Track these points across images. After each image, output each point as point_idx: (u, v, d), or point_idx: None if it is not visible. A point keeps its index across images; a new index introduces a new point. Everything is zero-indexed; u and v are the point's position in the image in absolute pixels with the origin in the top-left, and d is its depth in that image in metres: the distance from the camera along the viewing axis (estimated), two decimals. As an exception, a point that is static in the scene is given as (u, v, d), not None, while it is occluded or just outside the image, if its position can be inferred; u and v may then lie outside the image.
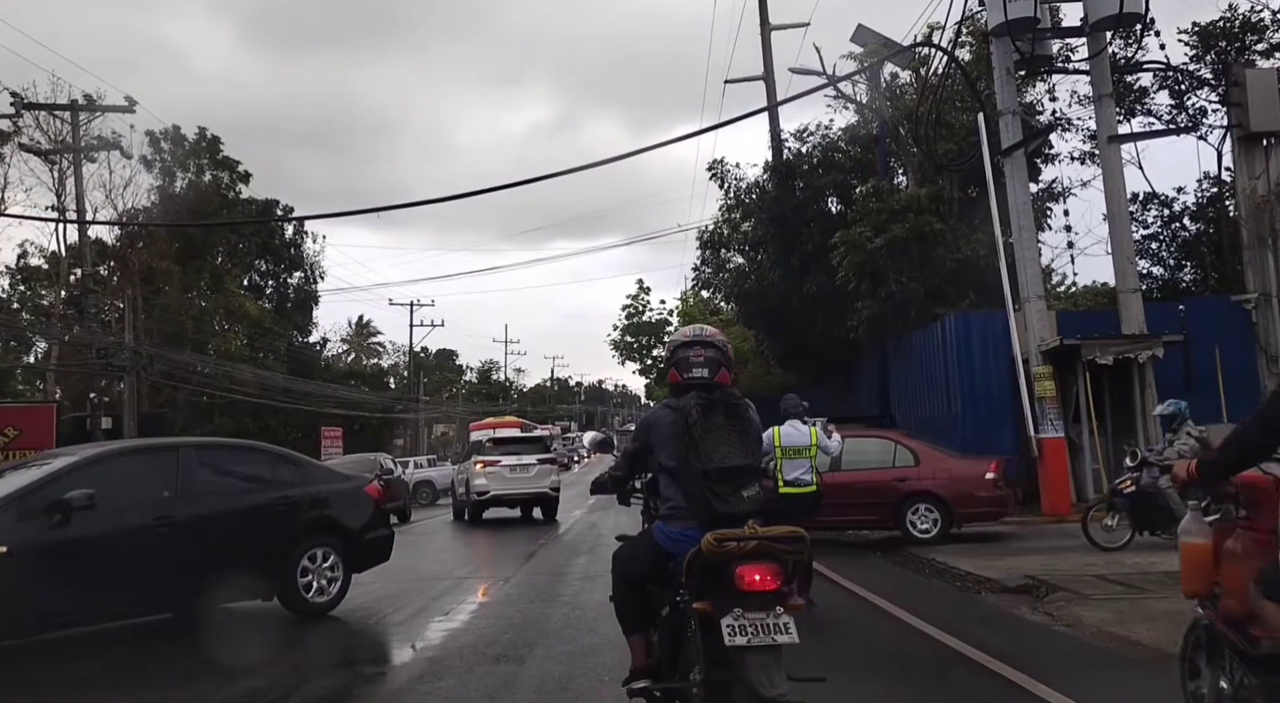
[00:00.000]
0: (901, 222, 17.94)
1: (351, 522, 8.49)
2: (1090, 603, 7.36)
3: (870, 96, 20.36)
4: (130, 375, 25.79)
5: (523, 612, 7.87)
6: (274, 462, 8.54)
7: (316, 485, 8.44)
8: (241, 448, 9.58)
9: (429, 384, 73.04)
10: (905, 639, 6.56)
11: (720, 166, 21.98)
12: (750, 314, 24.48)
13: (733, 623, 3.34)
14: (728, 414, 3.75)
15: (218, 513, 7.55)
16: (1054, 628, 6.72)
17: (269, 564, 7.82)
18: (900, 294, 17.72)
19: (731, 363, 4.01)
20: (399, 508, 21.67)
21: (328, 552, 8.18)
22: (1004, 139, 15.31)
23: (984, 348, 15.87)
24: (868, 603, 7.90)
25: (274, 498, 7.99)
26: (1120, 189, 15.51)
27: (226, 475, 7.99)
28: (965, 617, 7.21)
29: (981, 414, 15.74)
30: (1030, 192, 15.94)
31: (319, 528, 8.24)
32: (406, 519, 22.18)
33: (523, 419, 39.81)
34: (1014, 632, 6.67)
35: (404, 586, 10.02)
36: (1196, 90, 17.41)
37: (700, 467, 3.60)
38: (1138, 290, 15.45)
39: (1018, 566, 9.33)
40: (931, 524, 11.64)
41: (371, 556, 8.77)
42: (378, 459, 23.17)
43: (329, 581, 8.15)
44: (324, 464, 9.20)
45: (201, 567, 7.33)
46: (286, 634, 7.64)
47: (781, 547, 3.44)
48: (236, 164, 45.22)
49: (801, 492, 7.94)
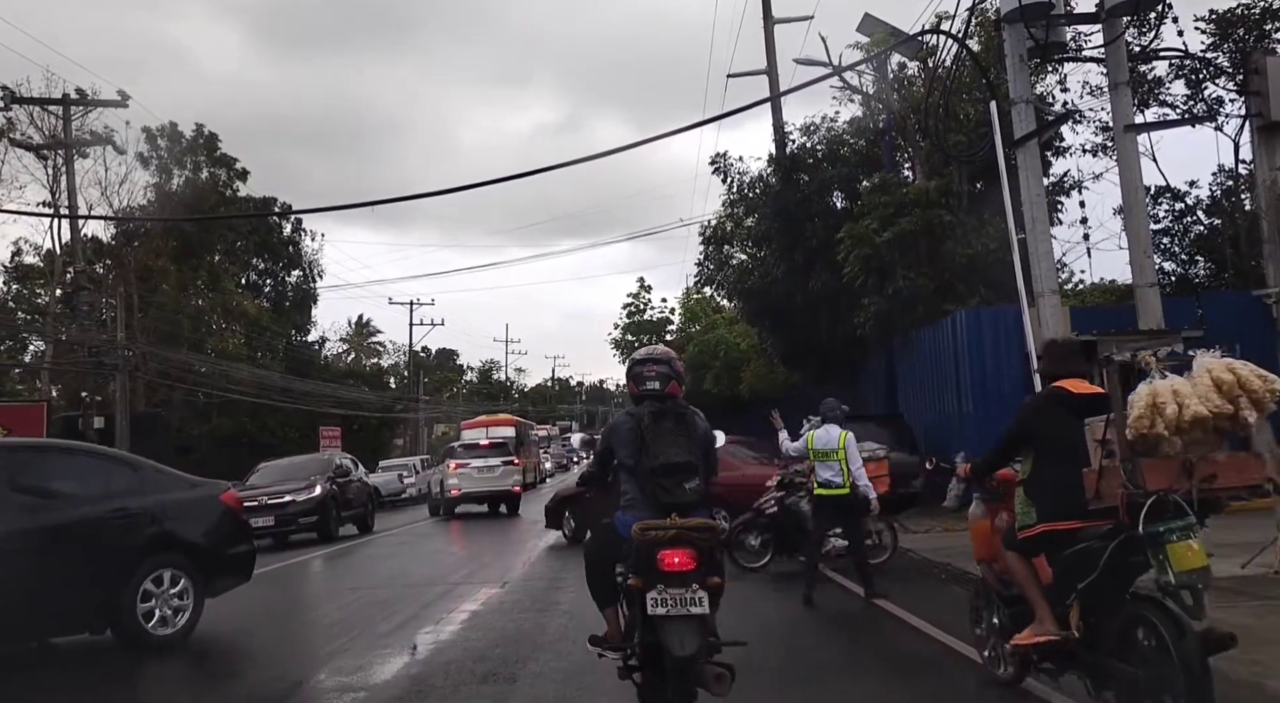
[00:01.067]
0: (910, 215, 17.46)
1: (203, 537, 7.40)
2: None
3: (877, 88, 19.88)
4: (122, 374, 25.33)
5: (516, 622, 7.40)
6: (107, 467, 7.42)
7: (160, 495, 7.32)
8: (65, 449, 8.18)
9: (429, 384, 72.65)
10: (918, 642, 6.09)
11: (723, 160, 21.48)
12: (753, 312, 23.98)
13: (655, 596, 3.99)
14: (676, 420, 4.38)
15: (32, 530, 6.39)
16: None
17: (99, 591, 6.69)
18: (908, 290, 17.23)
19: (681, 377, 4.66)
20: (358, 516, 19.26)
21: (176, 574, 7.06)
22: (1017, 129, 14.79)
23: (995, 345, 15.39)
24: (876, 608, 7.40)
25: (107, 511, 6.84)
26: (1137, 180, 14.97)
27: (46, 483, 6.83)
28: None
29: (994, 413, 15.17)
30: (1044, 183, 15.42)
31: (163, 545, 7.11)
32: (368, 529, 19.40)
33: (518, 417, 39.35)
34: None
35: (395, 592, 9.59)
36: (1215, 79, 16.91)
37: (649, 464, 4.21)
38: (1155, 285, 14.90)
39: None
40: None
41: (229, 576, 7.67)
42: (333, 459, 19.99)
43: (175, 609, 7.03)
44: (171, 470, 7.96)
45: (10, 598, 6.11)
46: (260, 645, 7.18)
47: (696, 535, 4.06)
48: (234, 161, 44.81)
49: (833, 493, 8.06)
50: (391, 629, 7.44)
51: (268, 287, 52.03)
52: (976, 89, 18.95)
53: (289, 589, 11.36)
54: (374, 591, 9.90)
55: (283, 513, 16.47)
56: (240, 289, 47.93)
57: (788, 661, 5.83)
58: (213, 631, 7.52)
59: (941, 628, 6.29)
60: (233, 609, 8.04)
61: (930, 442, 16.74)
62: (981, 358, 15.42)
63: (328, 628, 7.84)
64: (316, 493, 16.95)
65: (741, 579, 8.75)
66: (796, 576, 8.46)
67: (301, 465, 18.87)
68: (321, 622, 8.15)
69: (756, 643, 5.22)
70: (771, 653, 5.83)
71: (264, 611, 9.25)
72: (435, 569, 11.93)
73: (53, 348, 32.66)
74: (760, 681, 4.99)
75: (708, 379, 35.15)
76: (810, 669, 5.70)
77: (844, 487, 8.00)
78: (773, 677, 5.28)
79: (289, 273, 52.46)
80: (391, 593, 9.52)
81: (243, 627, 8.06)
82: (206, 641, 7.30)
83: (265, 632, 7.95)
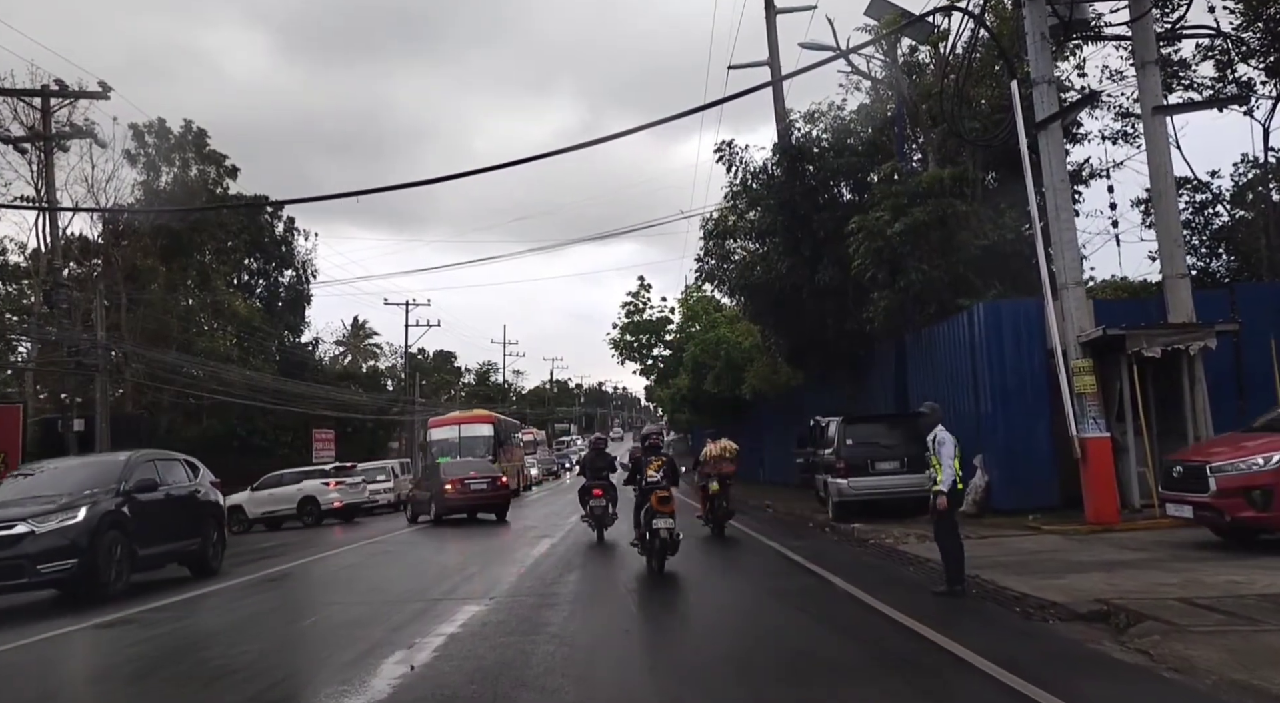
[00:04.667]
0: (923, 205, 16.60)
1: None
2: (1192, 638, 6.01)
3: (887, 72, 19.00)
4: (102, 375, 24.41)
5: (498, 649, 6.50)
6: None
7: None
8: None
9: (427, 386, 71.71)
10: (986, 693, 5.18)
11: (728, 149, 20.60)
12: (757, 308, 23.11)
13: (650, 511, 10.59)
14: (657, 455, 11.60)
15: None
16: (1160, 673, 5.36)
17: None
18: (921, 283, 16.36)
19: (661, 435, 12.29)
20: (186, 553, 12.81)
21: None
22: (1038, 111, 13.94)
23: (1016, 340, 14.53)
24: (918, 637, 6.51)
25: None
26: (1166, 166, 14.14)
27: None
28: (1042, 656, 5.85)
29: (1014, 412, 14.40)
30: (1067, 169, 14.54)
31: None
32: (210, 572, 13.04)
33: (498, 414, 38.12)
34: (1113, 680, 5.31)
35: (369, 609, 8.69)
36: (1246, 60, 16.03)
37: (642, 482, 11.34)
38: (1185, 276, 14.07)
39: (1080, 586, 8.00)
40: None
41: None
42: (128, 462, 12.28)
43: None
44: None
45: None
46: (199, 679, 6.27)
47: (663, 492, 10.69)
48: (224, 158, 43.92)
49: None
50: (355, 657, 6.53)
51: (260, 287, 51.17)
52: (990, 76, 18.13)
53: (253, 603, 10.44)
54: (347, 607, 9.02)
55: (4, 556, 10.07)
56: (231, 289, 47.00)
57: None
58: (143, 656, 6.62)
59: (1021, 673, 5.35)
60: (194, 626, 7.13)
61: (945, 442, 15.87)
62: (1001, 354, 14.55)
63: (280, 654, 6.93)
64: (77, 520, 10.55)
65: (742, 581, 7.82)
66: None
67: (67, 473, 12.24)
68: (277, 647, 7.23)
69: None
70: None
71: (225, 627, 8.38)
72: (417, 581, 11.04)
73: (38, 349, 31.79)
74: None
75: (708, 379, 34.28)
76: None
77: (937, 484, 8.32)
78: None
79: (281, 273, 51.59)
80: (365, 610, 8.64)
81: (191, 645, 7.18)
82: (115, 673, 6.38)
83: (214, 653, 7.03)
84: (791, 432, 24.26)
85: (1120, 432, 13.43)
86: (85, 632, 8.43)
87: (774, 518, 19.12)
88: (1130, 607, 7.03)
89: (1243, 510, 9.36)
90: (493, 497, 21.86)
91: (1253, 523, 9.48)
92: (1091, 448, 12.74)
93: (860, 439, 15.77)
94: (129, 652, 7.18)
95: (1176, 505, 10.30)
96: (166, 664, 6.66)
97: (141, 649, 7.20)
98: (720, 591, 9.70)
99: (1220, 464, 9.65)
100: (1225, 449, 10.05)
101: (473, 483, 21.68)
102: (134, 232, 39.49)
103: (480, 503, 21.71)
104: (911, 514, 14.95)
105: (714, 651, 6.46)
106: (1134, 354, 13.15)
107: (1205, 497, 9.68)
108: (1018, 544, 11.38)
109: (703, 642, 6.79)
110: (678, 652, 6.52)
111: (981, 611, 7.53)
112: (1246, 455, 9.56)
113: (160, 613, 9.45)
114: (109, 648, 7.53)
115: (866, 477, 15.43)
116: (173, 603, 10.35)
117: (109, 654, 7.28)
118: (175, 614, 9.46)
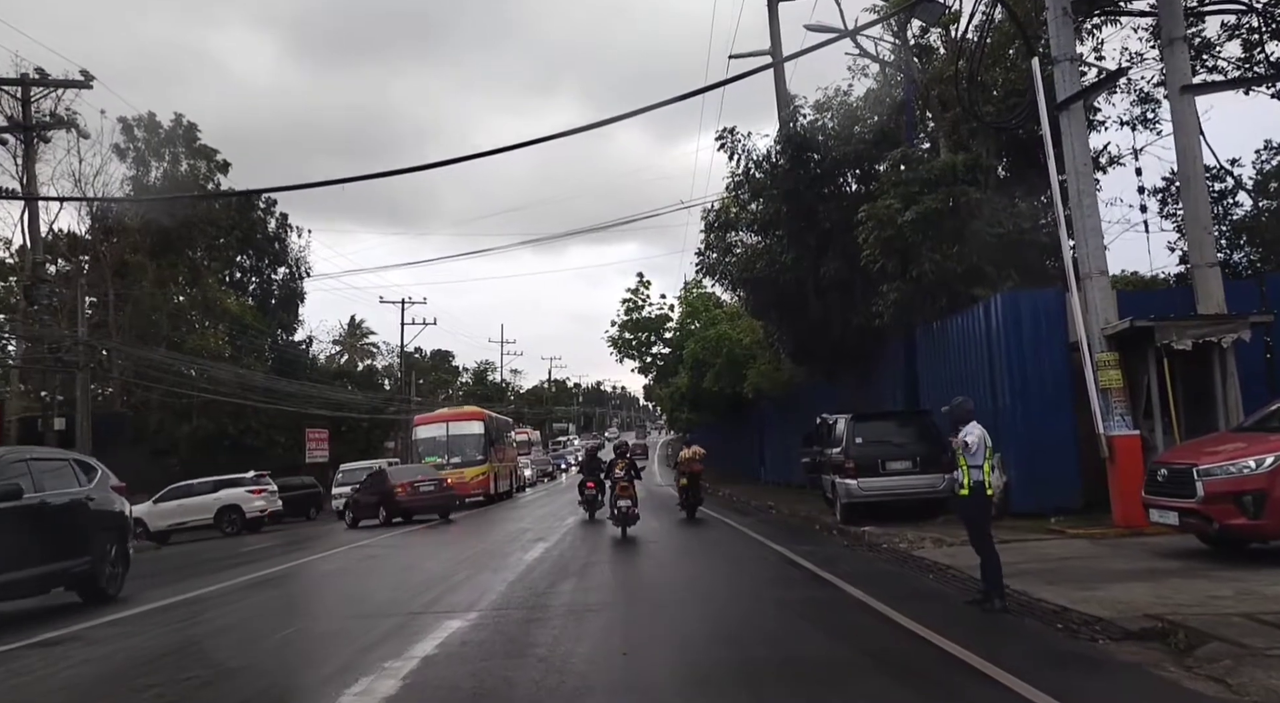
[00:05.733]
0: (935, 193, 15.82)
1: None
2: (1272, 664, 5.24)
3: (896, 54, 18.22)
4: (83, 373, 23.61)
5: (478, 676, 5.70)
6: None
7: None
8: None
9: (425, 385, 70.90)
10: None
11: (730, 137, 19.77)
12: (760, 303, 22.29)
13: (612, 491, 16.70)
14: (621, 458, 17.39)
15: None
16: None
17: None
18: (934, 274, 15.56)
19: (627, 444, 22.14)
20: (74, 574, 10.56)
21: None
22: (1060, 90, 13.17)
23: (1035, 332, 13.75)
24: (959, 664, 5.71)
25: None
26: (1195, 148, 13.35)
27: None
28: (1107, 688, 5.07)
29: (1034, 409, 13.62)
30: (1090, 151, 13.76)
31: None
32: (107, 598, 10.85)
33: (489, 411, 37.15)
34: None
35: (339, 624, 7.92)
36: (1278, 36, 15.25)
37: (612, 479, 17.30)
38: (1215, 264, 13.31)
39: (1125, 598, 7.24)
40: None
41: None
42: None
43: None
44: None
45: None
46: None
47: (625, 482, 16.41)
48: (214, 153, 43.15)
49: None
50: (315, 683, 5.75)
51: (253, 284, 50.37)
52: (1003, 60, 17.38)
53: (213, 617, 9.59)
54: (315, 622, 8.25)
55: None
56: (222, 287, 46.18)
57: None
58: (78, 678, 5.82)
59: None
60: (138, 645, 6.33)
61: (959, 441, 15.11)
62: (1020, 347, 13.78)
63: (229, 684, 6.14)
64: None
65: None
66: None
67: None
68: (225, 677, 6.40)
69: None
70: None
71: (172, 647, 7.59)
72: (397, 591, 10.21)
73: (24, 347, 30.98)
74: None
75: (708, 377, 33.49)
76: None
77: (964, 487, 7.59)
78: None
79: (275, 270, 50.79)
80: (334, 625, 7.86)
81: (122, 670, 6.40)
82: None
83: (150, 680, 6.24)
84: (794, 431, 23.49)
85: (1147, 429, 12.67)
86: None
87: (778, 521, 18.37)
88: (1188, 624, 6.26)
89: (1233, 517, 8.50)
90: (440, 498, 23.90)
91: (1243, 532, 8.61)
92: (1120, 447, 11.98)
93: (870, 438, 15.00)
94: (297, 585, 6.19)
95: (1161, 512, 9.39)
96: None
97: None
98: (726, 603, 8.89)
99: (1208, 467, 8.78)
100: (1214, 450, 9.23)
101: (422, 486, 23.72)
102: (123, 227, 38.70)
103: (429, 505, 23.58)
104: (925, 517, 14.21)
105: (722, 677, 5.67)
106: (1163, 347, 12.37)
107: (1192, 502, 8.82)
108: (1043, 549, 10.62)
109: (709, 667, 5.98)
110: (681, 678, 5.72)
111: (1021, 628, 6.75)
112: (1238, 458, 8.68)
113: (24, 656, 7.49)
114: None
115: (877, 477, 14.67)
116: (47, 641, 8.21)
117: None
118: (43, 660, 7.28)
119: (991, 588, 7.28)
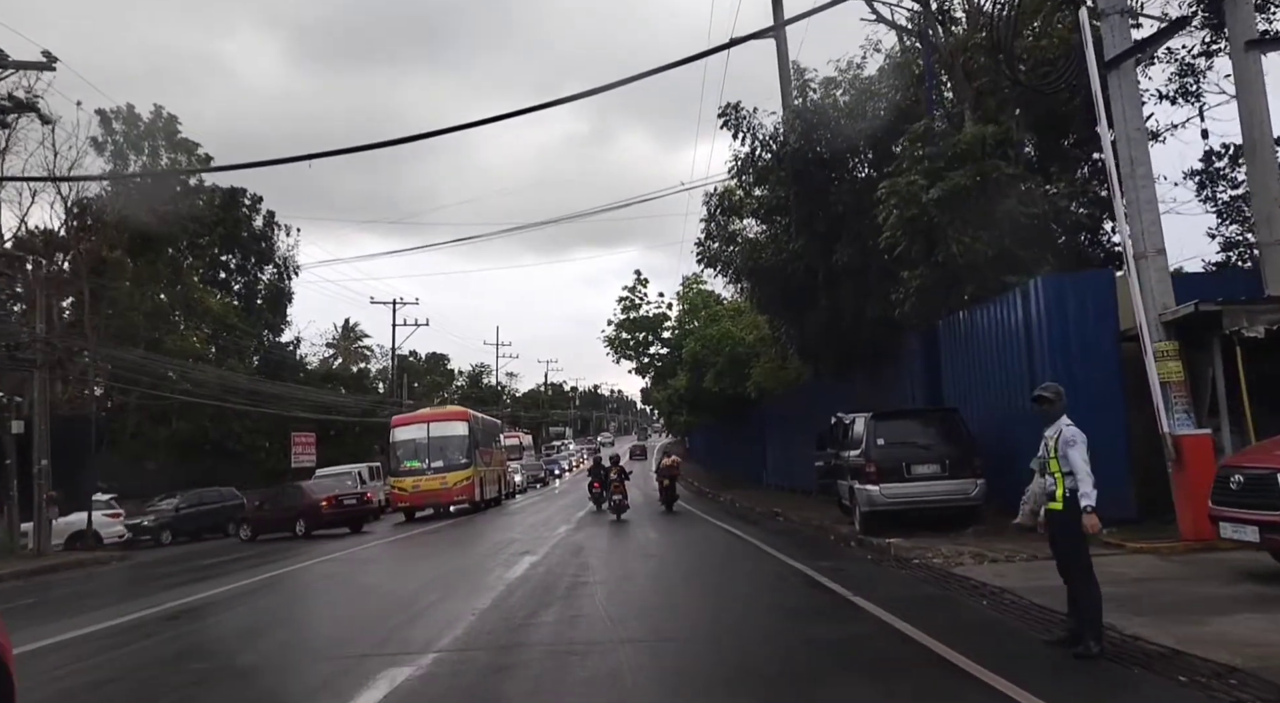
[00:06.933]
0: (962, 168, 14.30)
1: None
2: None
3: (914, 21, 16.72)
4: (41, 371, 22.04)
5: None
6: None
7: None
8: None
9: (419, 388, 69.31)
10: None
11: (734, 111, 18.19)
12: (766, 295, 20.75)
13: (613, 488, 22.35)
14: (617, 466, 23.36)
15: None
16: None
17: None
18: (964, 257, 14.04)
19: (619, 457, 24.32)
20: None
21: None
22: (1108, 47, 11.68)
23: (1082, 319, 12.23)
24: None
25: None
26: (1262, 111, 11.83)
27: None
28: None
29: (1080, 406, 11.79)
30: (1142, 115, 12.25)
31: None
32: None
33: (474, 411, 35.38)
34: None
35: (262, 673, 6.32)
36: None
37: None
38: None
39: (1241, 635, 5.75)
40: None
41: None
42: None
43: None
44: None
45: None
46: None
47: (617, 483, 22.32)
48: (196, 146, 41.48)
49: None
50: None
51: (238, 283, 48.84)
52: (1032, 28, 15.91)
53: (99, 663, 7.88)
54: (231, 663, 6.63)
55: None
56: (205, 286, 44.61)
57: None
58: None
59: None
60: None
61: (991, 442, 13.60)
62: (1064, 336, 12.25)
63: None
64: None
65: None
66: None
67: None
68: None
69: None
70: None
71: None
72: (345, 626, 8.55)
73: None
74: None
75: (708, 377, 31.98)
76: None
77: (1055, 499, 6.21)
78: None
79: (261, 269, 49.25)
80: (256, 674, 6.27)
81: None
82: None
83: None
84: (800, 432, 21.98)
85: (1212, 428, 11.15)
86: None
87: (788, 530, 16.82)
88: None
89: None
90: (359, 510, 24.75)
91: None
92: (1188, 448, 10.46)
93: (893, 439, 13.46)
94: (232, 615, 4.78)
95: (1236, 526, 7.83)
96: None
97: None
98: (747, 643, 7.21)
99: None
100: None
101: (345, 499, 24.77)
102: (101, 223, 37.11)
103: (345, 518, 24.15)
104: (951, 527, 12.71)
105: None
106: (1233, 335, 10.85)
107: (1278, 515, 7.34)
108: (1108, 567, 9.01)
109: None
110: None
111: (1130, 680, 5.20)
112: None
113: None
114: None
115: (901, 483, 13.14)
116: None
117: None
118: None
119: (1089, 629, 5.74)
